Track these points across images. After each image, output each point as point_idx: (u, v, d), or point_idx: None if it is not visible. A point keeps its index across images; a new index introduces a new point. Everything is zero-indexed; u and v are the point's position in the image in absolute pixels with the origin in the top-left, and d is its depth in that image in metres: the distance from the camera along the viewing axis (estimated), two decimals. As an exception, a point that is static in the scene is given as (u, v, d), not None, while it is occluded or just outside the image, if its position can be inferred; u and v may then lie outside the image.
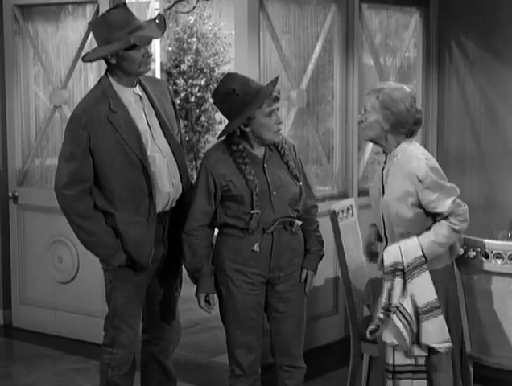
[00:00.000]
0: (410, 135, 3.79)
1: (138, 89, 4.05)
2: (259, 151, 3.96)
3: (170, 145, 4.08)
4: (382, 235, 3.86)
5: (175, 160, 4.12)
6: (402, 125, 3.72)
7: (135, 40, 3.85)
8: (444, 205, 3.64)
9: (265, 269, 3.95)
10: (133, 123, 3.95)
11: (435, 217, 3.69)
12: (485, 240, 3.88)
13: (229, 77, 3.99)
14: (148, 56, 3.96)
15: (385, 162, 3.80)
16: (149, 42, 3.99)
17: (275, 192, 3.91)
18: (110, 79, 4.00)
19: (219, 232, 4.03)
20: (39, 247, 6.31)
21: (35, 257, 6.35)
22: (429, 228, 3.68)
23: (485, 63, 6.69)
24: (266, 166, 3.94)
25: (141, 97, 4.04)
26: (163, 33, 4.05)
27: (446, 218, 3.66)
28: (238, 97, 3.86)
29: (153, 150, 4.01)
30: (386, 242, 3.83)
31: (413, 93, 3.82)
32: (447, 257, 3.75)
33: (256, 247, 3.88)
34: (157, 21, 4.01)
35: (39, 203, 6.29)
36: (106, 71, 4.04)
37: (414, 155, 3.73)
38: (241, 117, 3.86)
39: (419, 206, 3.68)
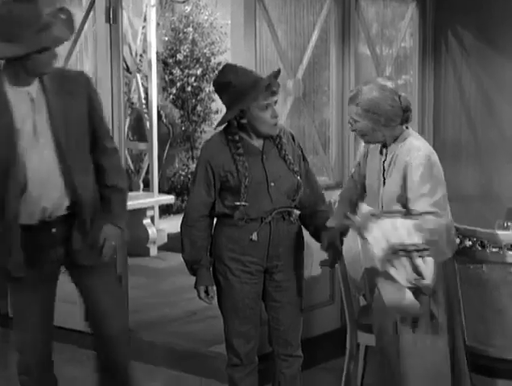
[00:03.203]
0: (405, 122, 3.77)
1: (34, 88, 3.65)
2: (258, 142, 3.96)
3: (59, 151, 3.67)
4: None
5: (63, 167, 3.69)
6: (393, 119, 3.72)
7: (47, 43, 3.49)
8: (422, 206, 3.60)
9: (262, 258, 3.96)
10: (9, 126, 3.58)
11: None
12: (482, 230, 3.88)
13: (227, 68, 3.99)
14: (55, 57, 3.62)
15: (386, 154, 3.78)
16: (60, 44, 3.60)
17: (273, 183, 3.92)
18: (2, 77, 3.61)
19: (217, 222, 4.04)
20: (36, 237, 6.30)
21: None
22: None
23: (482, 52, 6.68)
24: (264, 156, 3.94)
25: (33, 98, 3.64)
26: (71, 34, 3.64)
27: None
28: (234, 89, 3.86)
29: (31, 157, 3.62)
30: None
31: (391, 86, 3.77)
32: (445, 251, 3.73)
33: (254, 236, 3.89)
34: (62, 16, 3.55)
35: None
36: None
37: (414, 146, 3.72)
38: (235, 109, 3.87)
39: None
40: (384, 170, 3.79)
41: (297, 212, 4.04)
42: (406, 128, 3.79)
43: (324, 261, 4.09)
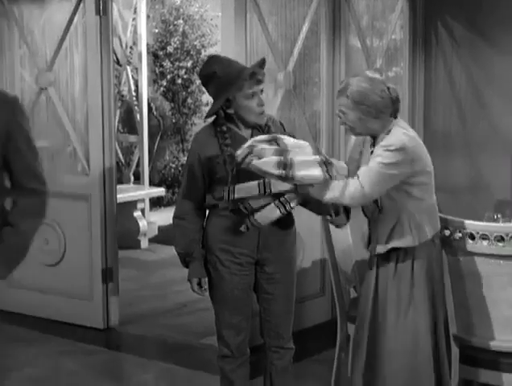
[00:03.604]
0: (394, 114, 3.77)
1: None
2: (246, 132, 3.96)
3: None
4: (376, 213, 3.85)
5: None
6: (383, 111, 3.71)
7: None
8: (363, 176, 3.62)
9: (253, 250, 3.96)
10: None
11: (419, 195, 3.72)
12: (471, 222, 3.89)
13: (212, 59, 4.00)
14: None
15: (374, 146, 3.79)
16: None
17: None
18: None
19: (209, 213, 4.04)
20: (26, 230, 6.29)
21: (22, 240, 6.32)
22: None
23: (472, 44, 6.69)
24: None
25: None
26: None
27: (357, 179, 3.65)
28: (220, 79, 3.86)
29: None
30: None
31: (379, 78, 3.78)
32: (422, 232, 3.74)
33: (243, 227, 3.89)
34: None
35: (26, 186, 6.26)
36: None
37: (395, 134, 3.71)
38: (221, 99, 3.87)
39: (404, 181, 3.68)
40: None
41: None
42: (395, 117, 3.79)
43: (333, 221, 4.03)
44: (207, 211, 4.07)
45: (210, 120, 4.03)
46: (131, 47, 8.95)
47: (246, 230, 3.89)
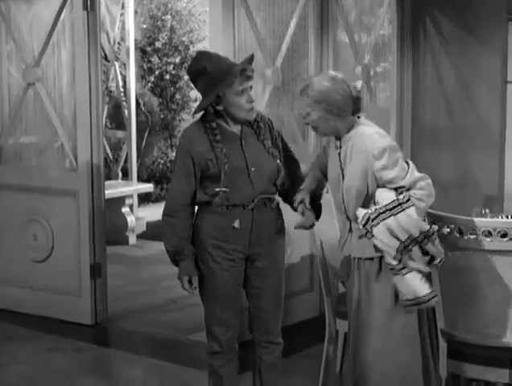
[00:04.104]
0: (356, 112, 3.75)
1: None
2: (236, 128, 3.95)
3: None
4: (344, 216, 3.84)
5: None
6: (344, 109, 3.69)
7: None
8: (405, 179, 3.63)
9: (245, 246, 3.96)
10: None
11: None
12: (460, 217, 3.90)
13: (201, 55, 3.99)
14: None
15: (340, 147, 3.77)
16: None
17: (254, 168, 3.91)
18: None
19: (199, 209, 4.02)
20: (14, 226, 6.28)
21: (9, 236, 6.32)
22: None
23: (460, 39, 6.70)
24: (243, 142, 3.94)
25: None
26: None
27: (408, 190, 3.63)
28: (209, 76, 3.85)
29: None
30: (350, 223, 3.82)
31: (340, 76, 3.75)
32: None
33: (236, 223, 3.89)
34: None
35: (13, 182, 6.26)
36: None
37: (368, 135, 3.70)
38: (210, 96, 3.86)
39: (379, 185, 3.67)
40: (341, 162, 3.77)
41: (278, 199, 4.05)
42: (358, 117, 3.77)
43: (299, 224, 4.03)
44: (195, 208, 4.07)
45: (198, 116, 4.02)
46: (119, 43, 8.93)
47: (239, 226, 3.89)
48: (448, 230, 3.88)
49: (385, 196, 3.63)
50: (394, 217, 3.57)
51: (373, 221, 3.57)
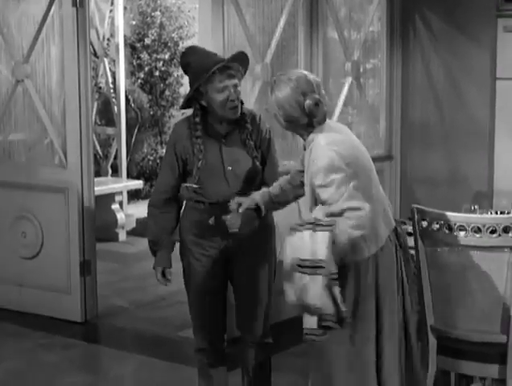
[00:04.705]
0: (315, 123, 3.54)
1: None
2: (223, 126, 3.95)
3: None
4: None
5: None
6: (297, 120, 3.53)
7: None
8: (335, 205, 3.38)
9: (222, 243, 3.95)
10: None
11: None
12: (449, 213, 3.91)
13: (188, 50, 4.03)
14: None
15: (305, 149, 3.69)
16: None
17: (230, 167, 3.91)
18: None
19: (184, 206, 4.04)
20: (3, 223, 6.27)
21: (-1, 233, 6.31)
22: None
23: (449, 37, 6.72)
24: (223, 140, 3.94)
25: None
26: None
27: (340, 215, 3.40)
28: (193, 70, 3.88)
29: None
30: None
31: (301, 84, 3.50)
32: (366, 249, 3.53)
33: (212, 220, 3.89)
34: None
35: (2, 179, 6.24)
36: None
37: (318, 147, 3.49)
38: (190, 90, 3.88)
39: None
40: (304, 165, 3.67)
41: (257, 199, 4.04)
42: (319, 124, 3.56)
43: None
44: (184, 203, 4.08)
45: (190, 112, 4.02)
46: (108, 39, 8.91)
47: (214, 224, 3.89)
48: (438, 226, 3.89)
49: (315, 213, 3.50)
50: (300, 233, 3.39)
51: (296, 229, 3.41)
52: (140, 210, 9.00)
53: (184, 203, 4.06)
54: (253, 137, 3.99)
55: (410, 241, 4.12)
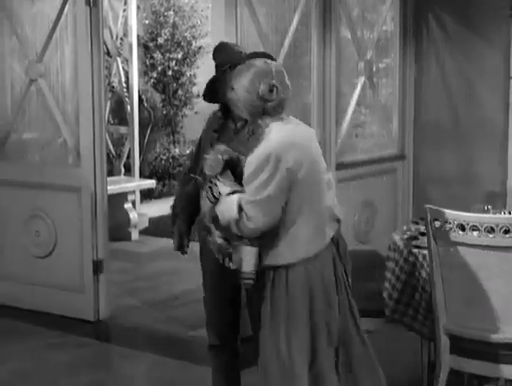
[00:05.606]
0: (274, 112, 3.46)
1: None
2: (234, 124, 3.96)
3: None
4: None
5: None
6: (254, 106, 3.43)
7: None
8: (245, 204, 3.33)
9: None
10: None
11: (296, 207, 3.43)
12: (462, 213, 3.90)
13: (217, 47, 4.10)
14: None
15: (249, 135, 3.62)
16: None
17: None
18: None
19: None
20: (16, 222, 6.29)
21: (13, 232, 6.32)
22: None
23: (462, 36, 6.70)
24: (234, 137, 3.95)
25: None
26: None
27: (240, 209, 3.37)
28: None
29: None
30: None
31: (258, 69, 3.43)
32: (314, 243, 3.47)
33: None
34: None
35: (16, 178, 6.26)
36: None
37: (268, 143, 3.40)
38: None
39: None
40: None
41: None
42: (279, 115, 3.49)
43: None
44: None
45: (203, 109, 4.13)
46: (121, 39, 8.92)
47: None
48: (450, 226, 3.88)
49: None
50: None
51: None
52: (153, 209, 9.03)
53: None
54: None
55: (423, 241, 4.12)
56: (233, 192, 3.40)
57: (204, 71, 9.09)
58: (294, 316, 3.46)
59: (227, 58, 3.94)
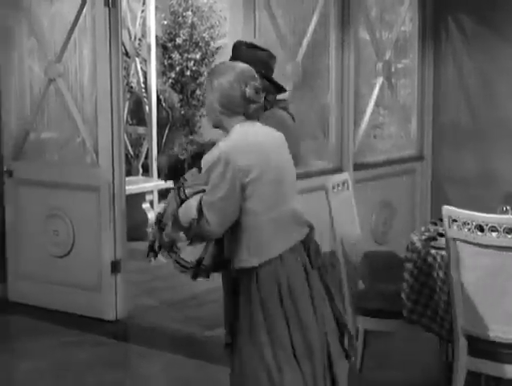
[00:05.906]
0: (248, 115, 3.44)
1: None
2: None
3: None
4: None
5: None
6: (235, 107, 3.41)
7: None
8: (203, 204, 3.34)
9: None
10: None
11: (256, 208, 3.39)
12: (480, 214, 3.88)
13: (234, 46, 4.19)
14: None
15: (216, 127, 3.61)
16: None
17: None
18: None
19: None
20: (35, 221, 6.31)
21: (31, 231, 6.35)
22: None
23: (482, 37, 6.68)
24: None
25: None
26: None
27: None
28: None
29: None
30: None
31: (244, 70, 3.43)
32: (277, 246, 3.41)
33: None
34: None
35: (35, 178, 6.29)
36: None
37: (222, 142, 3.39)
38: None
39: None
40: None
41: None
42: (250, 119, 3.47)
43: None
44: None
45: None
46: (140, 39, 8.95)
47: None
48: (469, 227, 3.87)
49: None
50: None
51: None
52: (171, 209, 9.01)
53: None
54: None
55: (442, 242, 4.11)
56: (198, 192, 3.39)
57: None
58: (270, 314, 3.40)
59: (241, 55, 3.94)
